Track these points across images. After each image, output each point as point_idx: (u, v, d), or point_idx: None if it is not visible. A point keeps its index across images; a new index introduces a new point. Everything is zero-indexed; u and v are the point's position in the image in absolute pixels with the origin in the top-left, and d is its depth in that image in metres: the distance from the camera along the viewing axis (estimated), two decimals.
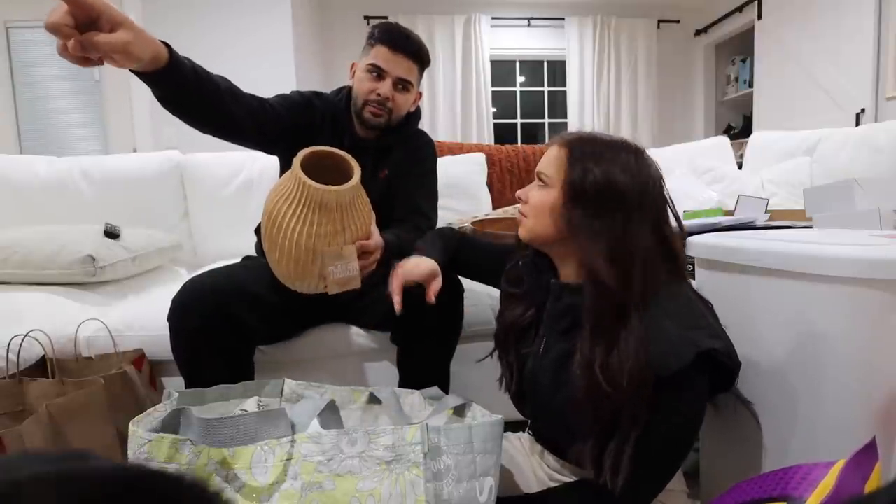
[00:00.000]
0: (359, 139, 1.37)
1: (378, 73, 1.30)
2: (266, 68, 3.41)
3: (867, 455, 0.66)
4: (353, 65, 1.38)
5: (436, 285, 1.06)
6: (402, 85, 1.33)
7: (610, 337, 0.79)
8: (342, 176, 1.00)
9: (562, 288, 0.91)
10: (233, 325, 1.11)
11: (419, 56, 1.33)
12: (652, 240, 0.84)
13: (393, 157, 1.39)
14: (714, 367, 0.79)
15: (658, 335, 0.77)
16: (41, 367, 1.28)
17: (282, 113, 1.28)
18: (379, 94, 1.30)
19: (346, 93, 1.39)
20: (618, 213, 0.83)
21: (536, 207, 0.90)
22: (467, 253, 1.16)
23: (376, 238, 1.06)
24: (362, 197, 1.02)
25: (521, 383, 0.97)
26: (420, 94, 1.44)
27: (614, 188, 0.83)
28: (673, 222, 0.88)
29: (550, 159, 0.90)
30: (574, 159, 0.87)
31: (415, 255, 1.10)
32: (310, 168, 0.98)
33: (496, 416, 0.87)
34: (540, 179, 0.91)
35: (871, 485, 0.65)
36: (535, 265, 0.97)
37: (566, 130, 0.95)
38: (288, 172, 0.99)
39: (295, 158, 0.98)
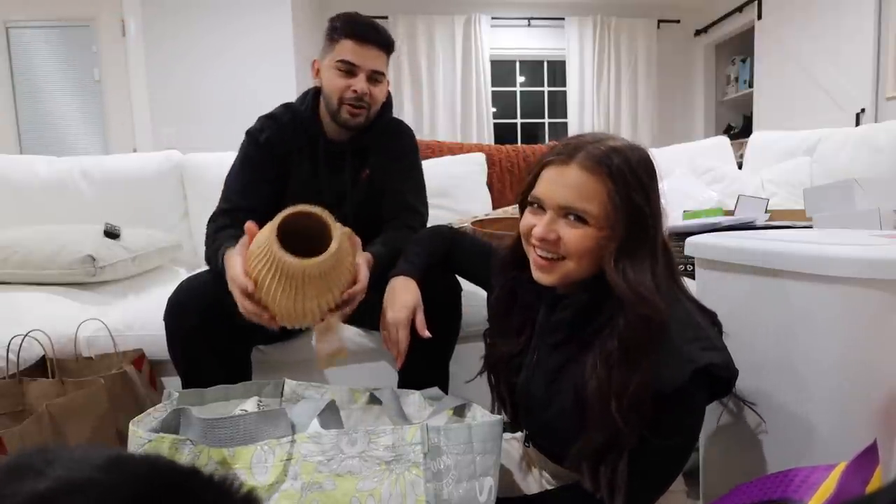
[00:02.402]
0: (333, 143, 1.32)
1: (349, 68, 1.23)
2: (266, 69, 3.41)
3: (868, 458, 0.66)
4: (314, 63, 1.31)
5: (420, 317, 1.04)
6: (376, 77, 1.26)
7: (638, 364, 0.75)
8: (323, 229, 0.96)
9: (557, 301, 0.87)
10: (229, 324, 1.11)
11: (387, 44, 1.27)
12: (663, 252, 0.81)
13: (372, 156, 1.34)
14: (712, 380, 0.77)
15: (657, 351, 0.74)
16: (41, 367, 1.28)
17: (263, 180, 1.27)
18: (356, 91, 1.23)
19: (311, 96, 1.32)
20: (658, 239, 0.80)
21: (579, 250, 0.79)
22: (459, 254, 1.15)
23: (363, 279, 1.03)
24: (344, 248, 0.98)
25: (513, 396, 0.95)
26: (388, 82, 1.36)
27: (659, 218, 0.80)
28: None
29: (585, 191, 0.78)
30: (621, 194, 0.77)
31: (390, 281, 1.08)
32: (290, 228, 0.94)
33: (496, 417, 0.87)
34: (575, 216, 0.79)
35: (871, 488, 0.64)
36: (526, 281, 0.90)
37: (572, 140, 0.83)
38: (267, 231, 0.93)
39: (271, 224, 0.93)
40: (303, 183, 1.31)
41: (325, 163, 1.31)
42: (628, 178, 0.77)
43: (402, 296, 1.05)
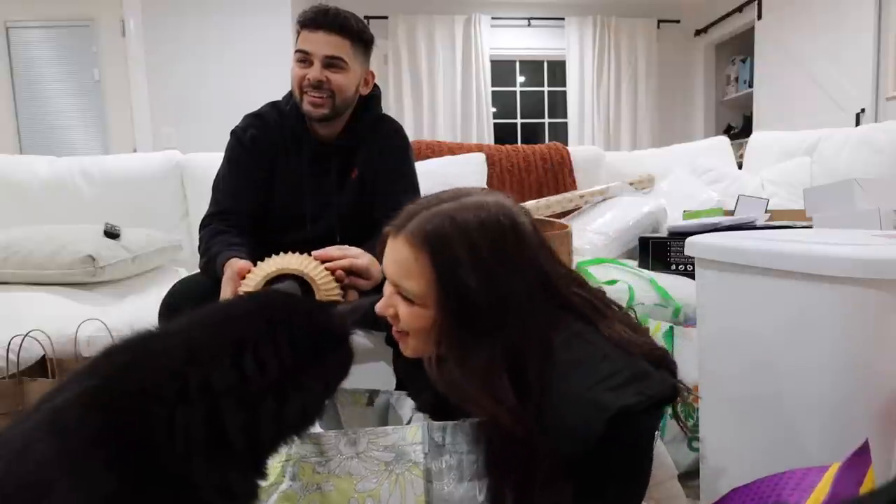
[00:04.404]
0: (319, 143, 1.28)
1: (303, 57, 1.20)
2: (266, 69, 3.41)
3: (861, 458, 0.66)
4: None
5: (361, 283, 1.04)
6: (334, 63, 1.19)
7: (522, 472, 0.67)
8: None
9: None
10: None
11: (345, 29, 1.19)
12: (547, 303, 0.72)
13: (361, 154, 1.30)
14: (643, 411, 0.66)
15: (558, 407, 0.66)
16: (41, 367, 1.28)
17: (251, 181, 1.28)
18: (309, 80, 1.19)
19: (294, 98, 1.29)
20: (512, 315, 0.69)
21: (413, 329, 0.75)
22: None
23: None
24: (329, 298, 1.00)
25: None
26: (372, 74, 1.31)
27: (506, 289, 0.69)
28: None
29: (406, 267, 0.72)
30: (443, 269, 0.69)
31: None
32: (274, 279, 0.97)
33: None
34: (400, 295, 0.74)
35: (865, 488, 0.64)
36: None
37: (413, 207, 0.76)
38: (254, 283, 0.96)
39: (259, 276, 0.96)
40: (287, 185, 1.29)
41: (310, 164, 1.29)
42: (457, 253, 0.68)
43: (376, 268, 1.05)
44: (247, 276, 0.99)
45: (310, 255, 1.02)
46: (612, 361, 0.67)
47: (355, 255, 1.05)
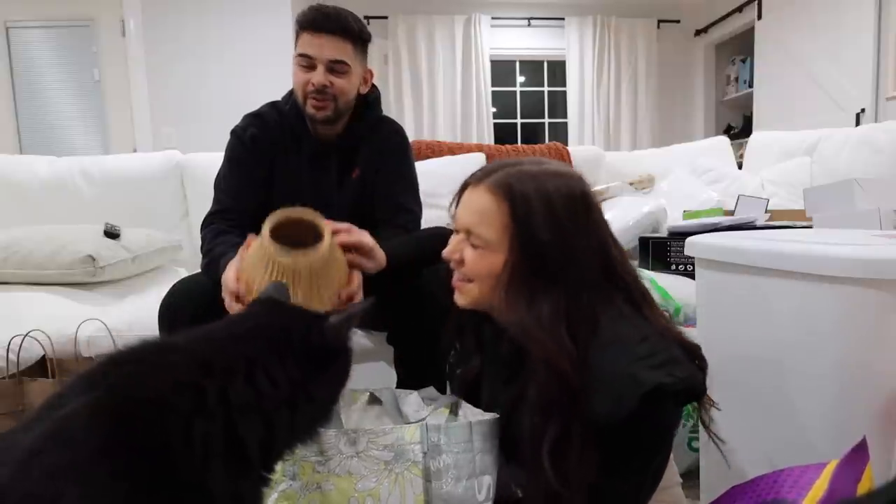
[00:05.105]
0: (320, 142, 1.29)
1: (307, 61, 1.20)
2: (266, 69, 3.41)
3: (858, 455, 0.66)
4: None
5: (365, 263, 1.02)
6: (338, 67, 1.20)
7: (561, 420, 0.69)
8: (315, 236, 0.95)
9: (500, 334, 0.83)
10: None
11: (348, 31, 1.20)
12: (603, 281, 0.75)
13: (362, 154, 1.31)
14: (673, 395, 0.69)
15: (596, 378, 0.69)
16: (41, 367, 1.28)
17: (251, 180, 1.27)
18: (314, 85, 1.19)
19: (294, 97, 1.29)
20: (574, 275, 0.73)
21: (479, 274, 0.78)
22: None
23: (355, 285, 1.01)
24: (335, 256, 0.97)
25: None
26: (371, 73, 1.31)
27: (573, 249, 0.73)
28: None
29: (485, 214, 0.76)
30: (520, 218, 0.73)
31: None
32: (282, 232, 0.94)
33: (494, 415, 0.87)
34: (476, 239, 0.77)
35: (863, 485, 0.65)
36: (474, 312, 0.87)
37: (496, 163, 0.80)
38: (258, 241, 0.94)
39: (263, 226, 0.94)
40: (287, 185, 1.30)
41: (309, 163, 1.30)
42: (534, 206, 0.73)
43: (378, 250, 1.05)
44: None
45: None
46: (650, 344, 0.70)
47: (361, 233, 1.04)
